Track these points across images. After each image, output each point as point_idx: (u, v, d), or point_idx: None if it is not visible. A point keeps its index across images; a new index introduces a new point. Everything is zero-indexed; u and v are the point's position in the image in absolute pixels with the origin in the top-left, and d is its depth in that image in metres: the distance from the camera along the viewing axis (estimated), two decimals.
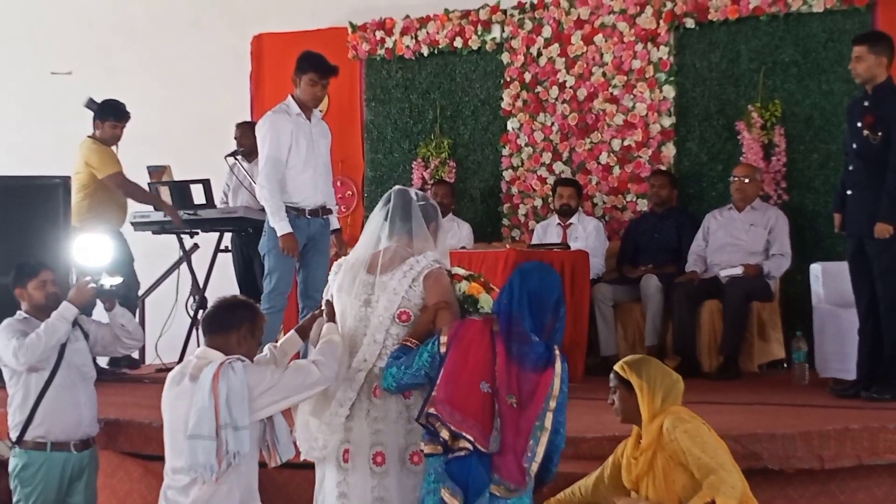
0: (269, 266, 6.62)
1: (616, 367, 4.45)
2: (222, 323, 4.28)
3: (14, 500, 5.48)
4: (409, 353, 4.14)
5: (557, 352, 4.06)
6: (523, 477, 3.94)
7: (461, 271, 4.47)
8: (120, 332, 5.63)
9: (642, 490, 4.33)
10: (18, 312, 5.54)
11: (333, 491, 4.23)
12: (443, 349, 4.07)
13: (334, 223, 6.84)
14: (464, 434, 3.92)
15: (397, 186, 4.51)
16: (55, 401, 5.35)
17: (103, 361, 8.42)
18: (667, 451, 4.24)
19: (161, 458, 5.98)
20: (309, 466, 4.74)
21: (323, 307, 4.41)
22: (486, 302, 4.38)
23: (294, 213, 6.55)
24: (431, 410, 3.97)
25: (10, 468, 5.53)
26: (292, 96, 6.70)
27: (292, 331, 4.54)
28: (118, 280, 5.58)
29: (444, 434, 3.94)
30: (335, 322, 4.32)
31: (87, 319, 5.61)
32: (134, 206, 8.53)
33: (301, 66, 6.69)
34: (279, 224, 6.47)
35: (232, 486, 4.11)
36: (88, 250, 5.72)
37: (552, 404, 3.98)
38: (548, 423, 3.97)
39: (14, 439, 5.46)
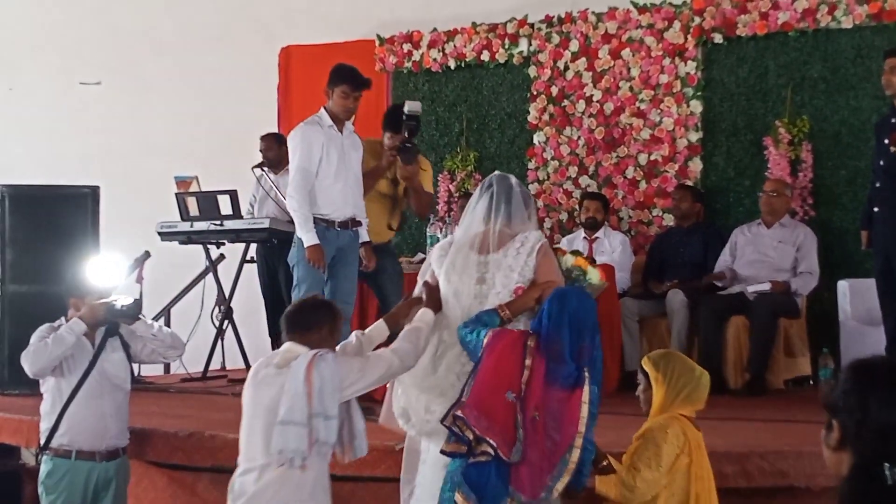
0: (297, 277, 6.61)
1: (642, 360, 4.49)
2: (305, 322, 4.36)
3: None
4: (488, 323, 4.23)
5: (587, 375, 4.06)
6: (537, 492, 3.95)
7: (564, 247, 4.62)
8: (151, 343, 5.64)
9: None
10: (61, 319, 5.55)
11: (439, 461, 4.26)
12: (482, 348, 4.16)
13: (363, 235, 6.85)
14: (487, 439, 3.95)
15: (497, 172, 4.67)
16: (80, 409, 5.36)
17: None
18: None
19: (186, 468, 6.06)
20: (333, 478, 4.75)
21: (420, 293, 4.51)
22: (595, 275, 4.60)
23: (323, 224, 6.54)
24: (459, 413, 4.01)
25: (39, 475, 5.55)
26: (325, 108, 6.71)
27: (381, 319, 4.60)
28: (130, 300, 5.59)
29: (470, 435, 3.97)
30: (433, 305, 4.42)
31: (129, 331, 5.62)
32: (160, 217, 8.57)
33: (334, 79, 6.68)
34: (307, 235, 6.46)
35: (306, 476, 4.13)
36: (101, 270, 5.74)
37: (582, 428, 4.00)
38: (577, 444, 3.98)
39: (41, 445, 5.47)
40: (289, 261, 6.71)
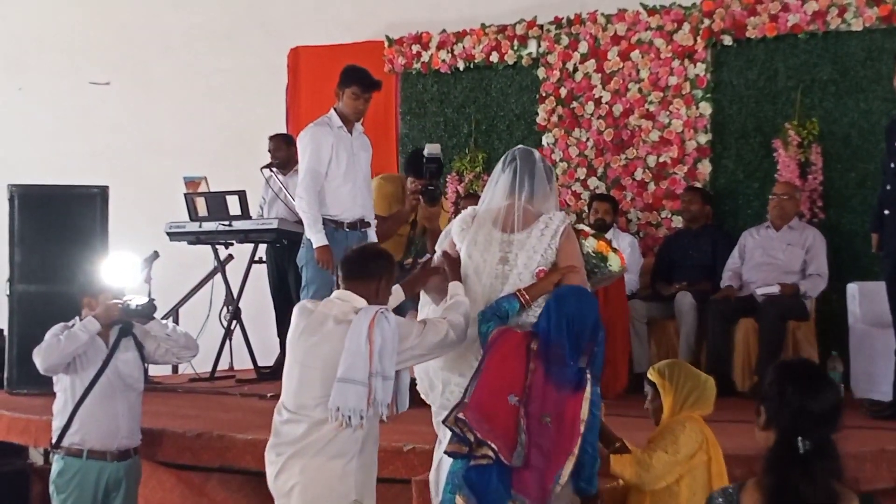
0: (306, 278, 6.62)
1: (648, 372, 4.49)
2: (366, 270, 4.34)
3: None
4: (508, 310, 4.25)
5: (588, 375, 4.06)
6: (544, 497, 3.93)
7: (587, 228, 4.68)
8: (165, 343, 5.65)
9: None
10: (75, 318, 5.55)
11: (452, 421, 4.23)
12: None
13: (372, 236, 6.86)
14: (489, 443, 3.93)
15: (520, 146, 4.66)
16: (92, 408, 5.38)
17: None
18: None
19: (194, 468, 6.06)
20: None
21: (439, 262, 4.52)
22: (615, 261, 4.59)
23: (332, 225, 6.55)
24: (461, 416, 4.00)
25: (51, 473, 5.55)
26: (335, 109, 6.71)
27: (398, 284, 4.53)
28: (145, 300, 5.60)
29: (471, 437, 3.96)
30: (458, 278, 4.42)
31: (142, 331, 5.63)
32: (169, 217, 8.58)
33: (344, 80, 6.69)
34: (315, 236, 6.47)
35: (358, 432, 4.13)
36: (115, 269, 5.76)
37: (582, 429, 3.99)
38: (576, 448, 3.97)
39: (53, 443, 5.48)
40: (298, 261, 6.72)
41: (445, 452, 4.11)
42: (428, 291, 4.57)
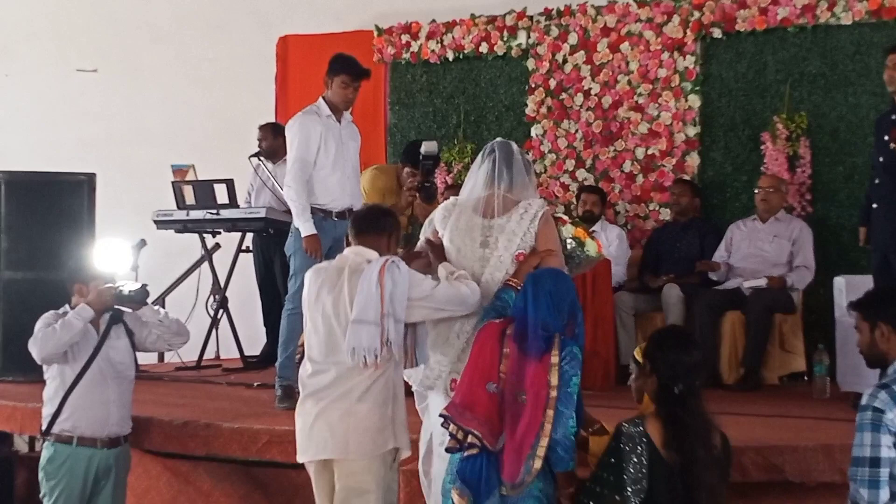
0: (294, 266, 6.60)
1: (635, 351, 4.50)
2: (377, 225, 4.61)
3: (41, 493, 5.48)
4: (507, 301, 4.40)
5: (557, 340, 4.13)
6: (516, 475, 4.02)
7: (565, 216, 4.84)
8: (157, 329, 5.63)
9: None
10: (65, 306, 5.53)
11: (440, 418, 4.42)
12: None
13: None
14: (472, 430, 4.07)
15: (499, 139, 4.82)
16: (83, 395, 5.36)
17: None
18: None
19: (180, 457, 6.05)
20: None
21: (422, 248, 4.74)
22: (592, 247, 4.77)
23: (321, 214, 6.54)
24: (444, 412, 4.18)
25: (40, 460, 5.53)
26: (323, 98, 6.70)
27: None
28: (137, 285, 5.59)
29: (454, 431, 4.11)
30: (439, 259, 4.61)
31: (134, 317, 5.61)
32: (156, 205, 8.56)
33: (333, 68, 6.69)
34: (304, 225, 6.46)
35: (388, 380, 4.39)
36: (107, 255, 5.74)
37: (553, 396, 4.05)
38: (548, 421, 4.04)
39: (43, 430, 5.46)
40: (286, 250, 6.72)
41: (446, 450, 4.22)
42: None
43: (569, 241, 4.77)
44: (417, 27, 9.63)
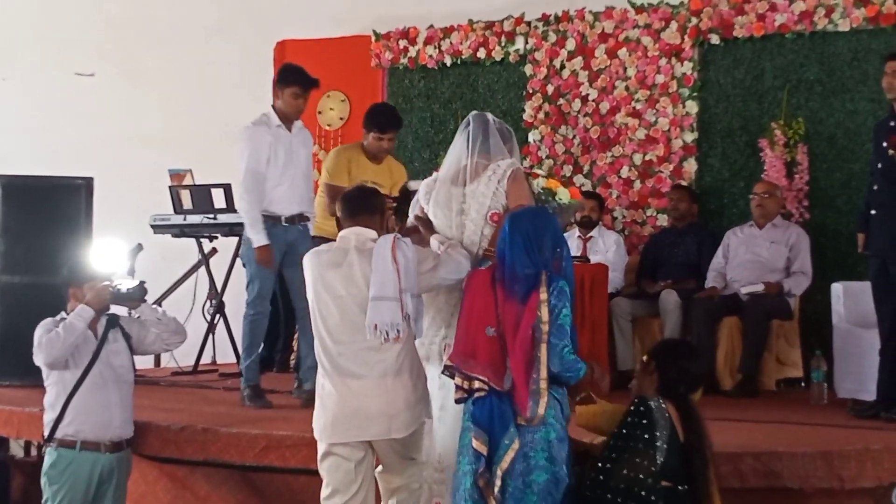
0: (249, 274, 6.83)
1: (648, 350, 4.78)
2: (369, 205, 4.71)
3: (43, 498, 5.46)
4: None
5: (544, 276, 4.24)
6: (525, 408, 4.15)
7: (540, 171, 4.87)
8: (156, 328, 5.62)
9: None
10: (62, 313, 5.51)
11: (435, 381, 4.63)
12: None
13: (312, 230, 6.96)
14: (477, 376, 4.22)
15: (474, 112, 4.92)
16: (86, 400, 5.34)
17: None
18: None
19: (177, 462, 6.03)
20: None
21: (412, 224, 4.87)
22: (564, 194, 4.94)
23: (271, 220, 6.70)
24: (447, 362, 4.34)
25: (43, 466, 5.51)
26: (273, 108, 6.87)
27: None
28: (135, 283, 5.59)
29: (459, 381, 4.26)
30: (430, 231, 4.78)
31: (129, 320, 5.60)
32: (153, 210, 8.55)
33: (284, 79, 6.90)
34: (256, 236, 6.63)
35: (412, 353, 4.52)
36: (104, 256, 5.73)
37: (544, 330, 4.18)
38: (543, 355, 4.17)
39: (46, 436, 5.44)
40: (240, 258, 6.89)
41: (455, 400, 4.35)
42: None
43: (541, 193, 4.93)
44: (415, 32, 9.63)
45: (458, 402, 4.33)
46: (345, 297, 4.47)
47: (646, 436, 4.21)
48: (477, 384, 4.21)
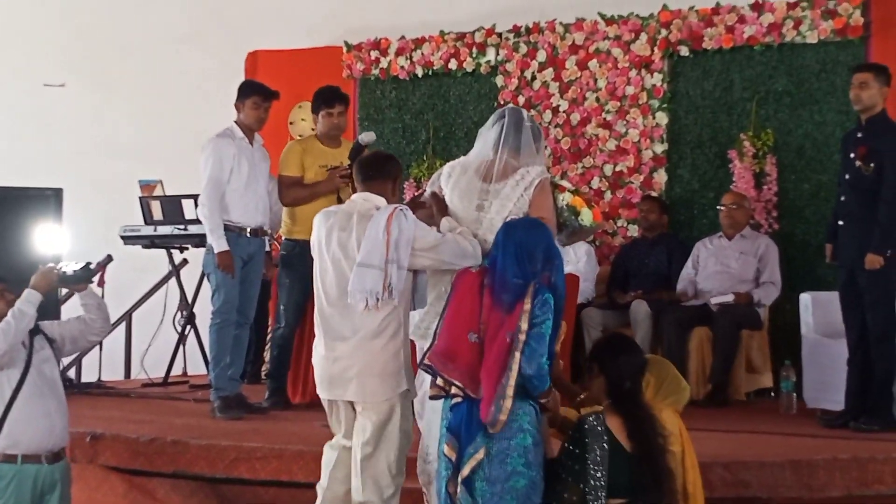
0: (214, 283, 6.90)
1: None
2: (382, 171, 4.77)
3: None
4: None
5: (531, 288, 4.24)
6: (487, 412, 4.16)
7: (567, 185, 4.95)
8: (88, 313, 5.47)
9: None
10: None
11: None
12: None
13: (265, 246, 7.10)
14: (454, 381, 4.25)
15: (510, 105, 5.03)
16: (25, 410, 5.12)
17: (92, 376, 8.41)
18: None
19: (146, 474, 6.01)
20: (306, 486, 4.70)
21: (428, 198, 4.88)
22: (587, 216, 4.85)
23: (236, 231, 6.81)
24: (426, 361, 4.34)
25: None
26: (235, 122, 7.00)
27: None
28: (81, 264, 5.48)
29: (439, 381, 4.29)
30: (443, 211, 4.78)
31: (48, 323, 5.45)
32: (124, 220, 8.51)
33: (244, 91, 7.06)
34: (217, 242, 6.73)
35: (399, 323, 4.55)
36: (46, 239, 5.62)
37: (521, 339, 4.18)
38: (515, 362, 4.17)
39: None
40: (203, 268, 6.99)
41: (430, 397, 4.41)
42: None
43: (565, 209, 4.85)
44: (387, 43, 9.64)
45: (432, 398, 4.40)
46: (341, 259, 4.56)
47: (575, 466, 4.23)
48: (453, 389, 4.26)
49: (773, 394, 7.68)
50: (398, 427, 4.55)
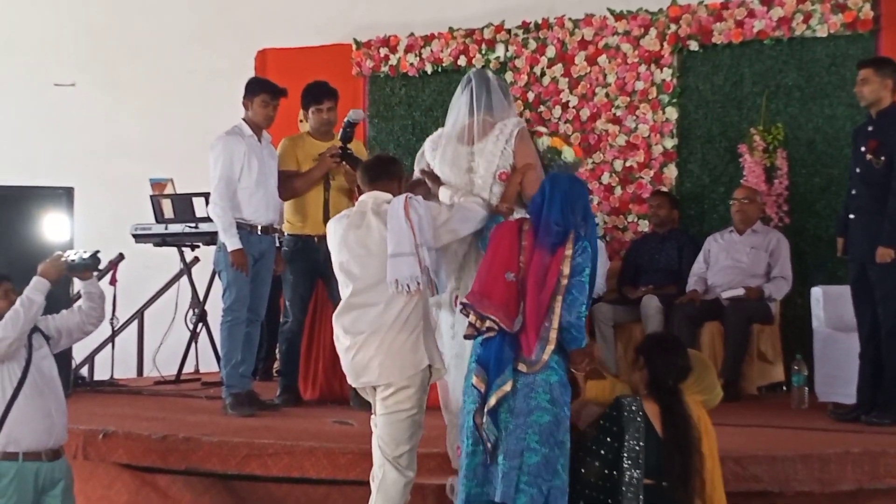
0: (225, 281, 6.89)
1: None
2: (388, 171, 4.92)
3: None
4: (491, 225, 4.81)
5: (571, 235, 4.45)
6: (532, 350, 4.37)
7: (543, 129, 5.19)
8: (89, 301, 5.42)
9: None
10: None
11: (448, 331, 4.96)
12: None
13: (275, 242, 7.14)
14: (489, 315, 4.43)
15: (475, 69, 5.14)
16: (25, 408, 5.13)
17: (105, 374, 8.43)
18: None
19: (159, 471, 6.02)
20: (307, 482, 4.71)
21: (417, 177, 5.08)
22: (569, 153, 5.08)
23: (247, 229, 6.81)
24: (464, 300, 4.56)
25: None
26: (243, 119, 6.98)
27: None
28: (89, 252, 5.48)
29: (472, 318, 4.47)
30: (438, 184, 4.97)
31: (44, 318, 5.42)
32: (135, 219, 8.53)
33: (252, 89, 7.02)
34: (230, 240, 6.72)
35: (418, 307, 4.68)
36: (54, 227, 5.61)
37: (563, 283, 4.39)
38: (557, 305, 4.38)
39: None
40: (214, 266, 6.96)
41: (465, 336, 4.58)
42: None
43: (546, 151, 5.05)
44: (396, 41, 9.64)
45: (466, 338, 4.56)
46: (364, 256, 4.69)
47: (611, 437, 4.47)
48: (488, 323, 4.43)
49: (784, 388, 7.68)
50: (417, 407, 4.68)
